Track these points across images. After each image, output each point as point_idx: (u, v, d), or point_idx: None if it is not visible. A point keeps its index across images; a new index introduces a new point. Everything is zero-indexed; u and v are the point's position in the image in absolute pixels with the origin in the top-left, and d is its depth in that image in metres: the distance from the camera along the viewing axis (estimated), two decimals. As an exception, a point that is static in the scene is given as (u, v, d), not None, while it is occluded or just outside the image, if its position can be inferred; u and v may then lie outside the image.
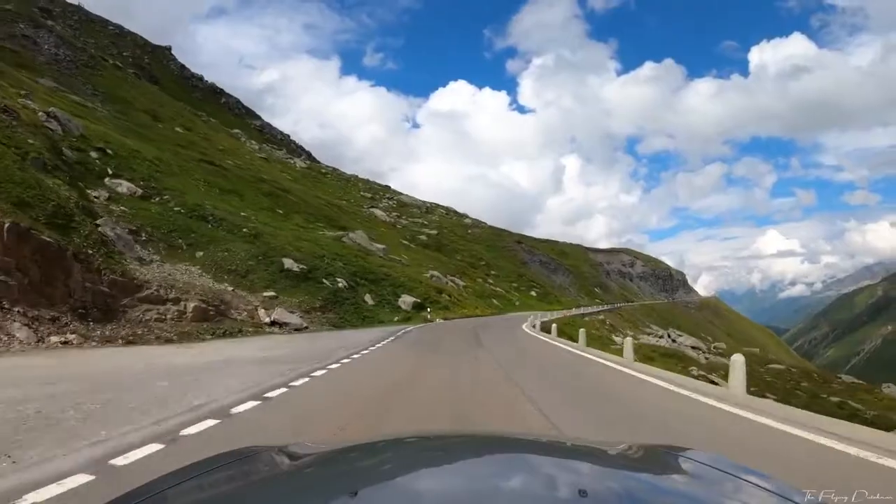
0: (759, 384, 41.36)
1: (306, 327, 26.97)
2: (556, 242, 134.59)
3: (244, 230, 35.74)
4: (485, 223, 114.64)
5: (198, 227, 32.18)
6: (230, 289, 28.53)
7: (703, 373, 41.23)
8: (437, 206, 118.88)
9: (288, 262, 32.48)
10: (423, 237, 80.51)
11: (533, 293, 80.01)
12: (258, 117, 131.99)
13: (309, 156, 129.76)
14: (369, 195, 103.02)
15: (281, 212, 51.93)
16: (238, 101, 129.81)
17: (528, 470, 1.57)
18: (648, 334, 64.41)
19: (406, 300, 36.42)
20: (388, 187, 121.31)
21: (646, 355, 31.24)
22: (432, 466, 1.62)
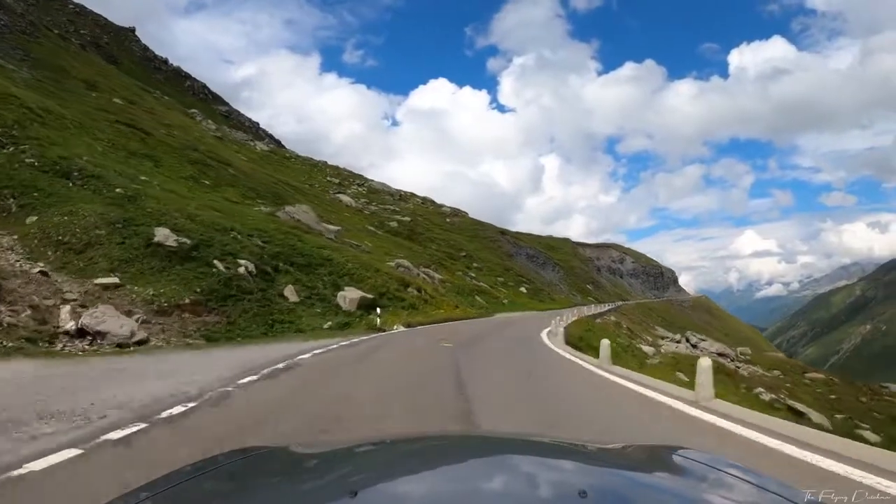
0: (825, 404, 31.12)
1: (146, 340, 14.51)
2: (540, 237, 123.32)
3: (118, 190, 23.68)
4: (465, 212, 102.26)
5: (48, 185, 22.35)
6: (36, 271, 16.59)
7: (775, 396, 29.93)
8: (414, 195, 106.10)
9: (161, 234, 20.14)
10: (394, 223, 68.17)
11: (523, 289, 68.11)
12: (225, 103, 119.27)
13: (277, 143, 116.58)
14: (337, 181, 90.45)
15: (207, 182, 40.07)
16: (204, 86, 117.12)
17: (528, 470, 1.53)
18: (663, 338, 52.87)
19: (349, 296, 23.76)
20: (360, 176, 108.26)
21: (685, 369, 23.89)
22: (432, 467, 1.60)
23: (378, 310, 23.54)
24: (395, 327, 23.13)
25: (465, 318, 31.48)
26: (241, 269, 20.93)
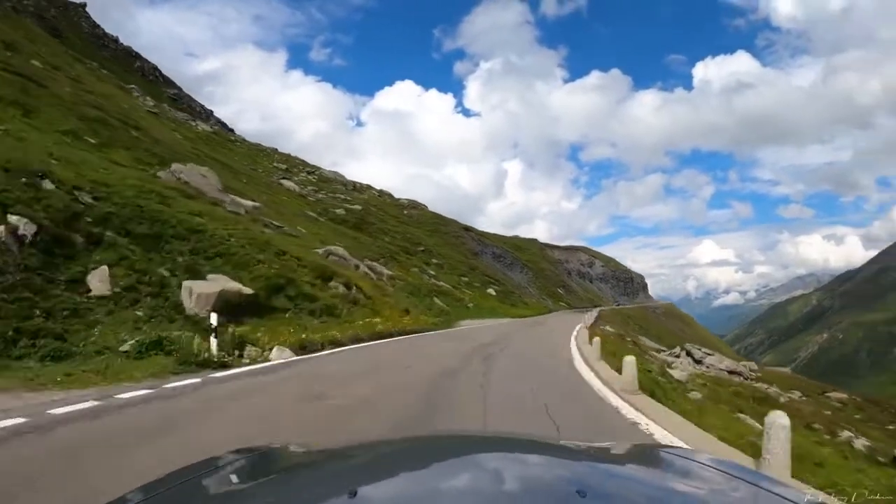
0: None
1: None
2: (506, 237, 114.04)
3: None
4: (425, 206, 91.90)
5: None
6: None
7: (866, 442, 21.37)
8: (371, 187, 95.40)
9: None
10: (340, 211, 58.01)
11: (492, 291, 58.44)
12: (177, 87, 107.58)
13: (227, 129, 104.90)
14: (284, 167, 79.87)
15: (92, 140, 29.95)
16: (155, 68, 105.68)
17: (528, 470, 1.53)
18: (658, 351, 43.80)
19: (201, 289, 13.46)
20: (311, 164, 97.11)
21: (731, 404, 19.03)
22: (431, 467, 1.58)
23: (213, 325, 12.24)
24: (266, 354, 12.47)
25: (414, 331, 21.58)
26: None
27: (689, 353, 39.94)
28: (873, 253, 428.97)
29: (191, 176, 26.02)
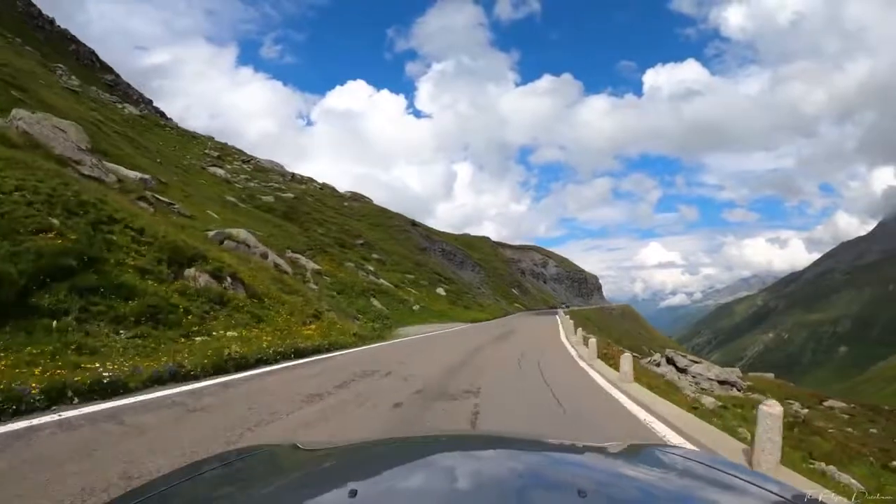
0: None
1: None
2: (456, 234, 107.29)
3: None
4: (369, 199, 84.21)
5: None
6: None
7: None
8: (312, 179, 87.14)
9: None
10: (269, 198, 50.60)
11: (441, 291, 51.89)
12: (114, 73, 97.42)
13: (162, 115, 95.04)
14: (216, 154, 71.60)
15: None
16: (92, 52, 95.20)
17: (528, 470, 1.52)
18: (636, 357, 37.69)
19: None
20: (248, 154, 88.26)
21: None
22: (431, 466, 1.58)
23: None
24: None
25: (317, 350, 13.93)
26: None
27: (670, 361, 33.82)
28: (816, 256, 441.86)
29: (39, 127, 18.62)
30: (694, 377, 29.36)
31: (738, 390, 29.33)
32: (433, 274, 56.80)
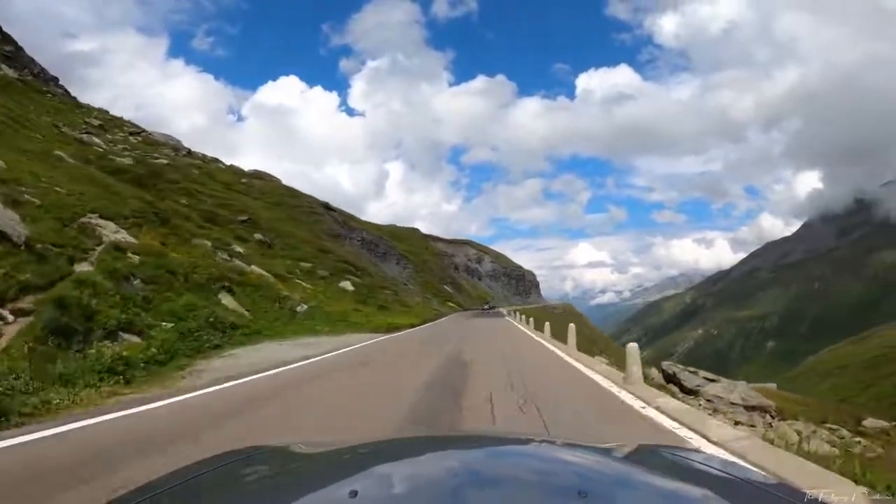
0: None
1: None
2: (381, 225, 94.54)
3: None
4: (278, 179, 70.19)
5: None
6: None
7: None
8: (218, 160, 72.72)
9: None
10: (126, 160, 37.48)
11: (347, 286, 39.37)
12: (13, 43, 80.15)
13: (65, 93, 78.10)
14: (98, 123, 58.04)
15: None
16: None
17: (528, 471, 1.50)
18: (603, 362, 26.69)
19: None
20: (139, 126, 72.95)
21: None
22: (432, 467, 1.57)
23: None
24: None
25: None
26: None
27: (672, 378, 22.07)
28: (741, 255, 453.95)
29: None
30: (709, 401, 18.32)
31: (772, 416, 19.21)
32: (341, 263, 44.21)
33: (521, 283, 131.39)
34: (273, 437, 6.24)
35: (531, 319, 32.31)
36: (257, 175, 66.21)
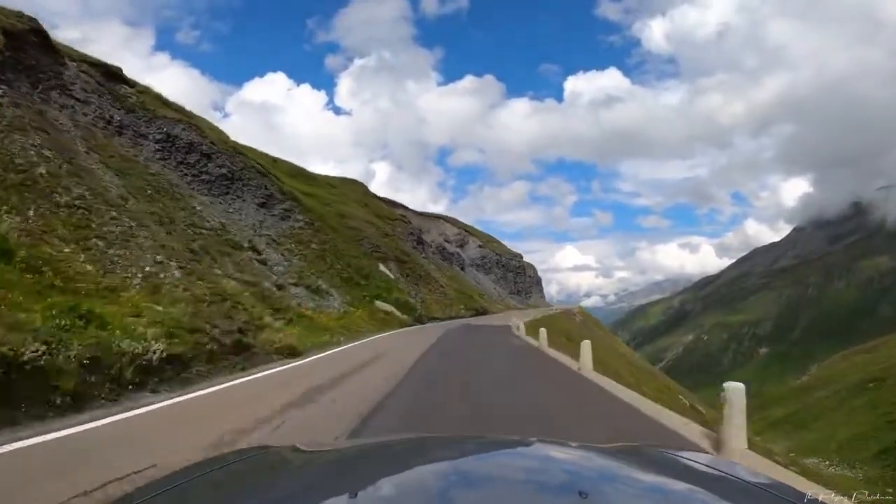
0: None
1: None
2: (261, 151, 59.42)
3: None
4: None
5: None
6: None
7: None
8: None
9: None
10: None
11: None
12: None
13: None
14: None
15: None
16: None
17: (529, 471, 1.47)
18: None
19: None
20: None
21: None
22: (432, 467, 1.53)
23: None
24: None
25: None
26: None
27: None
28: (726, 261, 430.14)
29: None
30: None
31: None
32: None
33: (520, 277, 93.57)
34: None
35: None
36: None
